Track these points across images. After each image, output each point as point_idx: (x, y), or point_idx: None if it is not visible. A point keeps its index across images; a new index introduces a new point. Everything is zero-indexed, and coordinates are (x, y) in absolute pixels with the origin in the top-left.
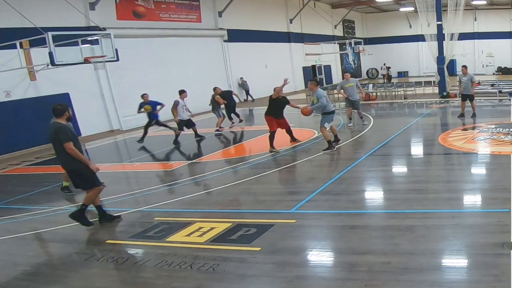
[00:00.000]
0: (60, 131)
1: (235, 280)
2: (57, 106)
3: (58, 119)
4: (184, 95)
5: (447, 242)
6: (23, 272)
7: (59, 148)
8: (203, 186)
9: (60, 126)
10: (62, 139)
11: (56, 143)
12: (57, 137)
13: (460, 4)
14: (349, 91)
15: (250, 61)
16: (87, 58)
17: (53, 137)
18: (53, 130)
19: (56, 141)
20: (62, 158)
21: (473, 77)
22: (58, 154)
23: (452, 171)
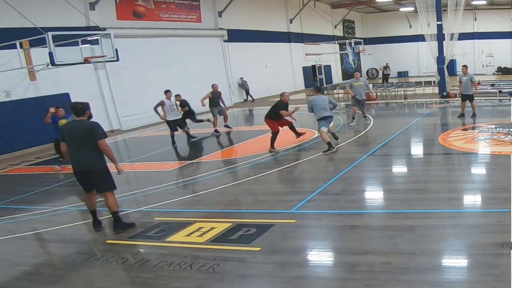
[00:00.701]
0: (96, 128)
1: (235, 280)
2: (78, 105)
3: (80, 117)
4: (169, 94)
5: (447, 242)
6: (23, 272)
7: (86, 147)
8: (203, 186)
9: (95, 124)
10: (98, 136)
11: (86, 141)
12: (91, 134)
13: (460, 4)
14: (357, 90)
15: (250, 61)
16: (87, 58)
17: (85, 135)
18: (85, 127)
19: (86, 139)
20: (88, 157)
21: (473, 77)
22: (83, 153)
23: (452, 171)
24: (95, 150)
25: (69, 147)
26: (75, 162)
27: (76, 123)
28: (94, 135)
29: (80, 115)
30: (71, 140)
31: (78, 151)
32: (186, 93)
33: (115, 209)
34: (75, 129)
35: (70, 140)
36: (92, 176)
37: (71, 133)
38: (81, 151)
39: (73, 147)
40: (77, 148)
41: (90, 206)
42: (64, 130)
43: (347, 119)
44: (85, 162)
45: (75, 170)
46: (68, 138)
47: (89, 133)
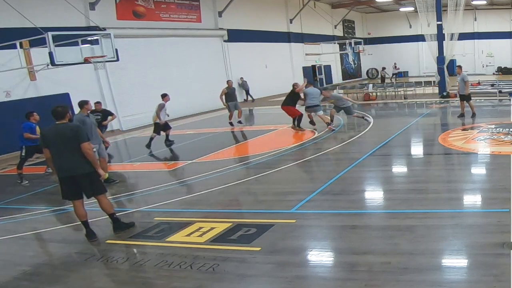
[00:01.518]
0: (80, 130)
1: (235, 280)
2: (58, 108)
3: (61, 121)
4: (167, 98)
5: (447, 242)
6: (23, 272)
7: (72, 151)
8: (203, 186)
9: (78, 126)
10: (82, 139)
11: (69, 144)
12: (75, 137)
13: (460, 4)
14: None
15: (250, 61)
16: (87, 58)
17: (67, 138)
18: (67, 130)
19: (71, 142)
20: (75, 161)
21: (465, 77)
22: (68, 157)
23: (452, 171)
24: (81, 154)
25: (53, 152)
26: (61, 168)
27: (59, 126)
28: (79, 138)
29: (60, 118)
30: (55, 145)
31: (63, 155)
32: (186, 93)
33: (111, 211)
34: (59, 133)
35: (54, 144)
36: (80, 181)
37: (55, 137)
38: (67, 155)
39: (57, 152)
40: (63, 152)
41: (80, 216)
42: (46, 135)
43: (347, 119)
44: (72, 166)
45: (61, 176)
46: (52, 142)
47: (74, 136)
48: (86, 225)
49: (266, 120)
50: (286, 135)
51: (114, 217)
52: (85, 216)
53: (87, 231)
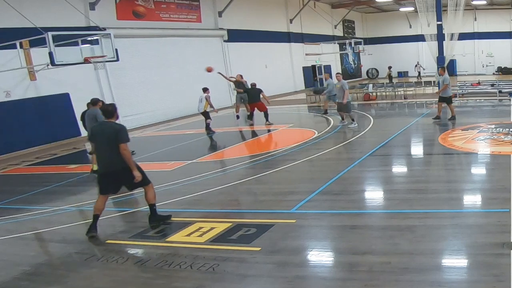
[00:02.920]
0: (122, 131)
1: (235, 280)
2: (108, 107)
3: (109, 119)
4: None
5: (447, 242)
6: (23, 272)
7: (113, 148)
8: (203, 186)
9: (122, 126)
10: (121, 139)
11: (111, 142)
12: (116, 136)
13: (460, 4)
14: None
15: (250, 61)
16: (87, 58)
17: (111, 136)
18: (111, 129)
19: (113, 140)
20: (115, 158)
21: (446, 79)
22: (109, 154)
23: (452, 171)
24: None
25: (96, 147)
26: (101, 162)
27: (106, 124)
28: (118, 138)
29: (109, 117)
30: (99, 140)
31: (105, 151)
32: (186, 93)
33: (153, 201)
34: (104, 130)
35: (98, 140)
36: (123, 175)
37: (100, 133)
38: (108, 151)
39: (100, 147)
40: (105, 149)
41: (97, 209)
42: (93, 130)
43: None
44: (113, 162)
45: (102, 171)
46: (97, 138)
47: (115, 135)
48: (95, 219)
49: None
50: (286, 135)
51: (153, 208)
52: (100, 211)
53: (92, 225)
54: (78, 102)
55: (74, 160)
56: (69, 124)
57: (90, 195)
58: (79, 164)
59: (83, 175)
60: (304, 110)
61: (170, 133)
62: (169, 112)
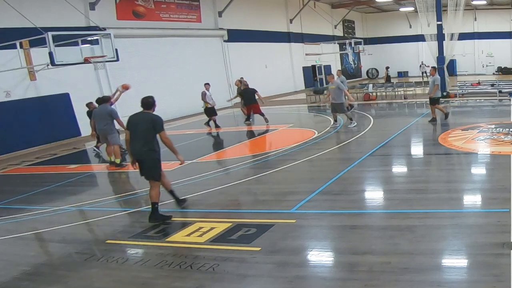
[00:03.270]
0: (158, 121)
1: (235, 280)
2: (148, 99)
3: (148, 110)
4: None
5: (447, 242)
6: (23, 272)
7: (146, 137)
8: (203, 186)
9: (158, 116)
10: (159, 129)
11: (148, 131)
12: (153, 126)
13: (460, 4)
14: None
15: (250, 61)
16: (87, 58)
17: (146, 126)
18: (149, 119)
19: (149, 130)
20: (144, 147)
21: (437, 79)
22: (141, 143)
23: (452, 171)
24: (151, 141)
25: (132, 136)
26: (133, 150)
27: (143, 115)
28: (155, 128)
29: (147, 108)
30: (134, 129)
31: (138, 140)
32: (186, 93)
33: (155, 200)
34: (141, 120)
35: (134, 129)
36: (144, 164)
37: (137, 123)
38: (141, 140)
39: (134, 136)
40: (140, 138)
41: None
42: (131, 119)
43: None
44: (141, 151)
45: (136, 158)
46: (133, 127)
47: (152, 125)
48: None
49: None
50: (286, 135)
51: (155, 206)
52: (155, 197)
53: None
54: (78, 102)
55: (74, 160)
56: (69, 124)
57: (90, 195)
58: (79, 164)
59: (83, 175)
60: (304, 110)
61: (170, 133)
62: (169, 112)
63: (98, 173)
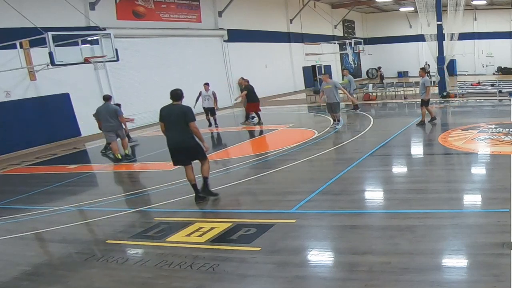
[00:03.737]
0: (189, 112)
1: (235, 280)
2: (177, 91)
3: (177, 102)
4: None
5: (447, 242)
6: (23, 272)
7: (181, 127)
8: None
9: (188, 108)
10: (190, 119)
11: (180, 122)
12: (184, 116)
13: (460, 4)
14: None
15: (250, 61)
16: (87, 58)
17: (178, 117)
18: (180, 110)
19: (181, 120)
20: (182, 136)
21: (427, 81)
22: (177, 132)
23: (452, 171)
24: (187, 130)
25: (166, 127)
26: (170, 140)
27: (174, 106)
28: (186, 118)
29: (177, 100)
30: (168, 121)
31: (174, 130)
32: (186, 93)
33: (206, 174)
34: (173, 112)
35: (168, 120)
36: (188, 151)
37: (169, 114)
38: (176, 130)
39: (169, 127)
40: (173, 128)
41: (189, 180)
42: (163, 111)
43: (347, 119)
44: (179, 140)
45: (171, 147)
46: (166, 118)
47: (184, 116)
48: (194, 189)
49: (266, 120)
50: (286, 135)
51: (206, 181)
52: (193, 180)
53: (196, 194)
54: (78, 102)
55: (74, 160)
56: (69, 124)
57: (90, 195)
58: (79, 164)
59: (83, 175)
60: (304, 110)
61: None
62: None
63: (98, 173)
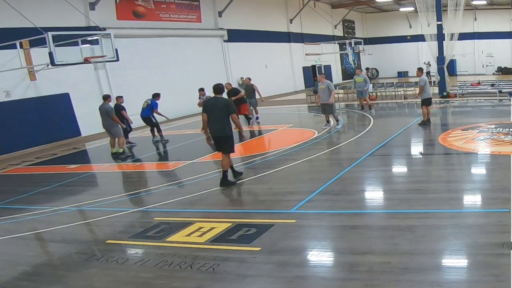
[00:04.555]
0: (230, 104)
1: (235, 280)
2: (219, 85)
3: (219, 95)
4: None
5: (447, 242)
6: (23, 272)
7: (221, 117)
8: (203, 186)
9: (229, 100)
10: (231, 111)
11: (222, 113)
12: (226, 109)
13: (460, 4)
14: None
15: (250, 61)
16: (87, 58)
17: (221, 109)
18: (222, 102)
19: (224, 112)
20: (221, 126)
21: (421, 80)
22: (218, 123)
23: (452, 171)
24: (226, 121)
25: (209, 118)
26: (212, 129)
27: (216, 99)
28: (228, 110)
29: (218, 93)
30: (211, 112)
31: (216, 121)
32: (186, 93)
33: (226, 168)
34: (215, 104)
35: (210, 111)
36: (221, 140)
37: (212, 106)
38: (217, 121)
39: (212, 117)
40: (215, 119)
41: (223, 165)
42: (206, 104)
43: (348, 119)
44: (219, 129)
45: (212, 135)
46: (209, 110)
47: (226, 108)
48: (224, 174)
49: (266, 120)
50: (286, 135)
51: (226, 174)
52: (226, 166)
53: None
54: (78, 102)
55: (74, 160)
56: (69, 124)
57: (90, 195)
58: (79, 164)
59: (83, 175)
60: (304, 110)
61: (170, 133)
62: (169, 112)
63: (98, 173)
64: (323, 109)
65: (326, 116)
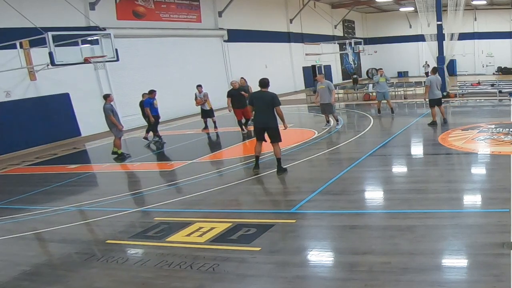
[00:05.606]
0: (276, 97)
1: (235, 280)
2: (265, 80)
3: (265, 89)
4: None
5: (447, 242)
6: (23, 272)
7: (268, 110)
8: (203, 186)
9: (275, 94)
10: (277, 103)
11: (269, 106)
12: (272, 101)
13: (460, 4)
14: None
15: (250, 61)
16: (87, 58)
17: (267, 102)
18: (269, 96)
19: (270, 105)
20: (268, 118)
21: (426, 80)
22: (264, 115)
23: (452, 171)
24: (272, 113)
25: (256, 110)
26: (258, 121)
27: (263, 93)
28: (274, 102)
29: (264, 87)
30: (258, 104)
31: (261, 113)
32: (186, 93)
33: (279, 156)
34: (262, 97)
35: (257, 104)
36: (268, 131)
37: (259, 99)
38: (264, 113)
39: (258, 110)
40: (261, 111)
41: (256, 151)
42: (253, 97)
43: (347, 119)
44: (266, 121)
45: (256, 126)
46: (256, 103)
47: (272, 101)
48: (256, 160)
49: None
50: (286, 135)
51: (280, 161)
52: (259, 152)
53: (255, 165)
54: (78, 102)
55: (74, 160)
56: (69, 124)
57: (90, 195)
58: (79, 164)
59: (83, 175)
60: (304, 110)
61: (170, 133)
62: (169, 112)
63: (98, 173)
64: (322, 109)
65: (326, 116)
